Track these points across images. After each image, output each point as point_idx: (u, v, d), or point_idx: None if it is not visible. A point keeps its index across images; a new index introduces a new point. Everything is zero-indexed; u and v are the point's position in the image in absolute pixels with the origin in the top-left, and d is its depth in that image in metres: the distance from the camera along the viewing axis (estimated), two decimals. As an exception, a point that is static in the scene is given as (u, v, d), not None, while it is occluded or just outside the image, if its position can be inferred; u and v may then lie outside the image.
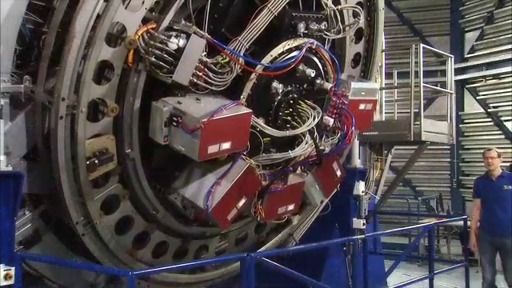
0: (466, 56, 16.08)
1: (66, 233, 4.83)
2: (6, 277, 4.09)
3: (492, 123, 15.47)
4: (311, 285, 6.21)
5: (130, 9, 4.40)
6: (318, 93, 5.59)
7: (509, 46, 14.67)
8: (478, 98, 15.81)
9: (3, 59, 4.15)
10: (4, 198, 4.11)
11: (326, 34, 5.60)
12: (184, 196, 4.97)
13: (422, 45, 9.00)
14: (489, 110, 15.51)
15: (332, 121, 5.57)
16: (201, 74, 4.67)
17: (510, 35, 14.68)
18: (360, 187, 7.79)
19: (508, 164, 14.81)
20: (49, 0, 4.46)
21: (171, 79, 4.50)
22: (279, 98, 5.26)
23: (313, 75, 5.37)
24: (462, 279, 7.35)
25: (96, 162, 4.45)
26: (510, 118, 14.80)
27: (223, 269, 6.05)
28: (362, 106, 5.96)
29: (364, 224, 7.70)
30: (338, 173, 6.17)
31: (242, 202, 5.07)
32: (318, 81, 5.52)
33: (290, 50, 5.24)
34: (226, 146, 4.65)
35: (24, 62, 4.45)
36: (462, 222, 9.23)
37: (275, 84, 5.19)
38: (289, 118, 5.32)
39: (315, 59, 5.53)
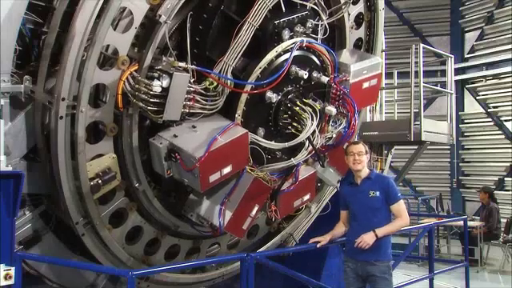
0: (466, 56, 16.08)
1: (66, 233, 4.83)
2: (6, 277, 4.07)
3: (492, 123, 15.48)
4: (311, 285, 6.20)
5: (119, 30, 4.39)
6: (316, 87, 5.48)
7: (509, 46, 14.68)
8: (478, 98, 15.82)
9: (3, 59, 4.15)
10: (4, 198, 4.10)
11: (312, 36, 5.40)
12: (199, 214, 5.03)
13: (421, 45, 8.98)
14: (489, 110, 15.51)
15: (334, 110, 5.40)
16: (191, 103, 4.63)
17: (509, 35, 14.69)
18: (360, 187, 7.77)
19: (508, 164, 14.92)
20: (49, 0, 4.45)
21: (162, 119, 4.49)
22: (279, 99, 5.17)
23: (306, 77, 5.22)
24: (462, 279, 7.32)
25: (99, 182, 4.50)
26: (510, 117, 14.80)
27: (223, 269, 6.03)
28: (365, 85, 5.79)
29: (364, 224, 7.67)
30: None
31: (254, 210, 5.13)
32: (315, 75, 5.38)
33: (279, 55, 5.04)
34: (228, 169, 4.67)
35: (24, 62, 4.45)
36: (461, 222, 9.26)
37: (269, 94, 5.08)
38: (289, 120, 5.24)
39: (309, 54, 5.35)
